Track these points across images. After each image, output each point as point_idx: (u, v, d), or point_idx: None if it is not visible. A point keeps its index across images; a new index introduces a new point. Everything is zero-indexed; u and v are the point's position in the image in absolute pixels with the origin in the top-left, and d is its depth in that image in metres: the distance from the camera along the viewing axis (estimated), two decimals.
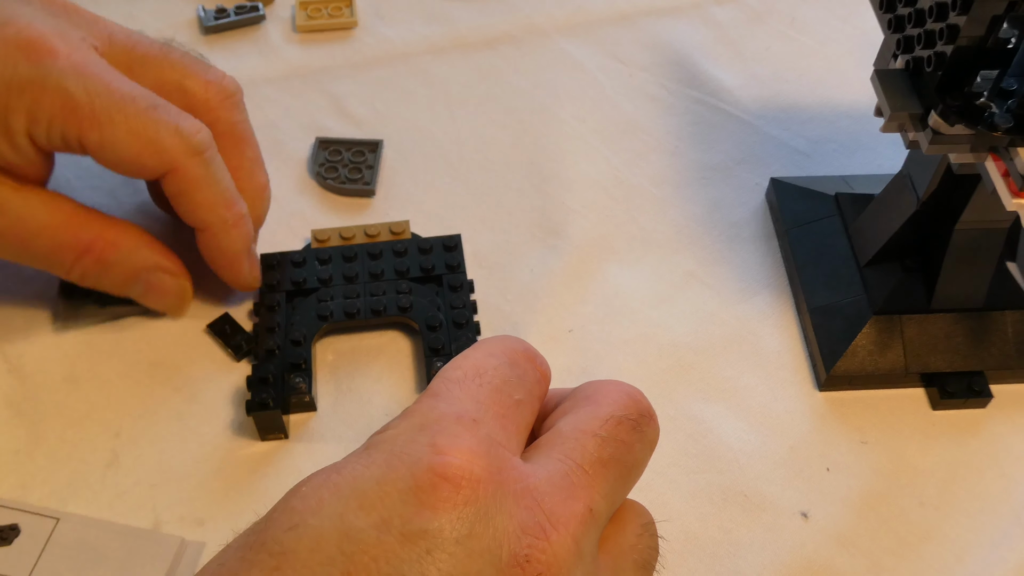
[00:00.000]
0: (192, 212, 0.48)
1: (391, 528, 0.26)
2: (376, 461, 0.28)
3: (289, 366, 0.49)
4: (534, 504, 0.28)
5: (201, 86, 0.48)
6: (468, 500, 0.27)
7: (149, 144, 0.44)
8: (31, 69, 0.41)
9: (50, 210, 0.46)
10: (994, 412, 0.51)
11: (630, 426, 0.32)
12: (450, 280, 0.52)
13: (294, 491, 0.28)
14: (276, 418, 0.47)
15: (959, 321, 0.51)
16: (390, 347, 0.53)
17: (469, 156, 0.63)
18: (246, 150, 0.51)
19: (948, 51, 0.40)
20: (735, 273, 0.57)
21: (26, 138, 0.43)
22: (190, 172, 0.45)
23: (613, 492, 0.31)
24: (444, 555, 0.26)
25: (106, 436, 0.49)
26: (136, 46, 0.48)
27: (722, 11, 0.73)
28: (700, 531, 0.46)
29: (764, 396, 0.51)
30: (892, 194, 0.52)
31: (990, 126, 0.39)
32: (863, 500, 0.47)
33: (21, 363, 0.51)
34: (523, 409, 0.32)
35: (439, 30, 0.70)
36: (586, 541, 0.29)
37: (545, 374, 0.35)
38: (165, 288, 0.50)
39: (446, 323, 0.51)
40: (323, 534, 0.26)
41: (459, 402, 0.30)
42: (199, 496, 0.47)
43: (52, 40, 0.42)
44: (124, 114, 0.43)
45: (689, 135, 0.64)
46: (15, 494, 0.46)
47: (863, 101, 0.67)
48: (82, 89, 0.42)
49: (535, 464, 0.30)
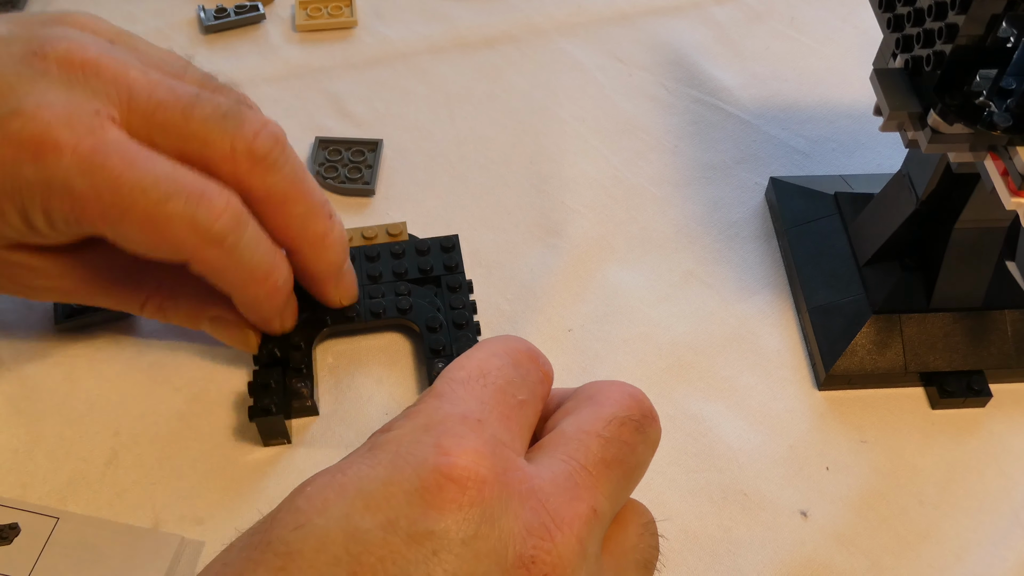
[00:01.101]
0: (220, 287, 0.44)
1: (397, 529, 0.26)
2: (381, 462, 0.28)
3: (291, 371, 0.49)
4: (539, 505, 0.28)
5: (227, 156, 0.42)
6: (474, 501, 0.27)
7: (162, 239, 0.41)
8: (36, 171, 0.38)
9: (104, 272, 0.46)
10: (993, 411, 0.51)
11: (633, 427, 0.32)
12: (449, 281, 0.52)
13: (299, 491, 0.28)
14: (279, 423, 0.47)
15: (958, 320, 0.51)
16: (390, 349, 0.53)
17: (469, 155, 0.63)
18: (292, 208, 0.44)
19: (947, 50, 0.40)
20: (735, 272, 0.57)
21: (50, 228, 0.41)
22: (210, 261, 0.42)
23: (616, 492, 0.31)
24: (450, 556, 0.26)
25: (106, 435, 0.49)
26: (156, 110, 0.42)
27: (722, 10, 0.73)
28: (699, 530, 0.46)
29: (763, 395, 0.51)
30: (891, 193, 0.52)
31: (989, 125, 0.39)
32: (862, 499, 0.47)
33: (20, 362, 0.51)
34: (527, 409, 0.32)
35: (439, 30, 0.71)
36: (590, 541, 0.29)
37: (548, 374, 0.35)
38: (228, 333, 0.48)
39: (446, 324, 0.51)
40: (329, 534, 0.26)
41: (463, 402, 0.30)
42: (199, 495, 0.47)
43: (58, 132, 0.38)
44: (134, 209, 0.39)
45: (689, 134, 0.64)
46: (15, 493, 0.46)
47: (863, 100, 0.67)
48: (89, 186, 0.39)
49: (539, 465, 0.30)
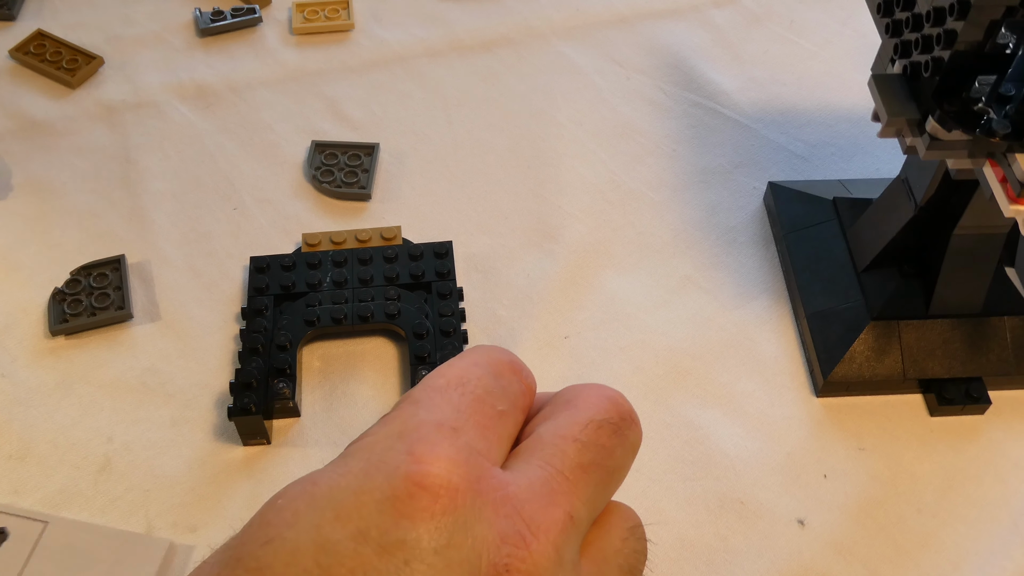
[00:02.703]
0: None
1: (368, 539, 0.25)
2: (352, 470, 0.27)
3: (274, 371, 0.49)
4: (513, 512, 0.27)
5: None
6: (446, 509, 0.26)
7: None
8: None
9: None
10: (992, 418, 0.51)
11: (611, 430, 0.31)
12: (439, 287, 0.52)
13: (270, 504, 0.27)
14: (258, 423, 0.47)
15: (957, 327, 0.50)
16: (377, 353, 0.52)
17: (465, 159, 0.62)
18: None
19: (946, 56, 0.39)
20: (732, 278, 0.56)
21: None
22: None
23: (594, 497, 0.30)
24: (423, 566, 0.25)
25: (98, 441, 0.48)
26: None
27: (720, 14, 0.73)
28: (696, 538, 0.46)
29: (761, 402, 0.51)
30: (890, 199, 0.51)
31: (988, 132, 0.39)
32: (860, 507, 0.47)
33: (14, 368, 0.51)
34: (506, 420, 0.31)
35: (436, 33, 0.70)
36: (567, 548, 0.28)
37: (530, 387, 0.34)
38: None
39: (433, 331, 0.50)
40: (299, 547, 0.25)
41: (439, 410, 0.29)
42: (193, 502, 0.46)
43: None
44: None
45: (687, 138, 0.64)
46: (7, 499, 0.46)
47: (862, 104, 0.66)
48: None
49: (515, 472, 0.29)
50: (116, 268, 0.55)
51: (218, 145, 0.62)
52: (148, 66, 0.67)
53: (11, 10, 0.70)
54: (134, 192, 0.59)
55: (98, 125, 0.63)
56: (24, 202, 0.59)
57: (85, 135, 0.63)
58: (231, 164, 0.61)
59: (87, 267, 0.54)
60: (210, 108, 0.65)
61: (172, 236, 0.57)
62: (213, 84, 0.66)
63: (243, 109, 0.65)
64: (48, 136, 0.62)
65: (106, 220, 0.58)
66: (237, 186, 0.60)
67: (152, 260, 0.56)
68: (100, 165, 0.61)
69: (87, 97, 0.65)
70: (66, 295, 0.53)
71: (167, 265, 0.56)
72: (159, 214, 0.58)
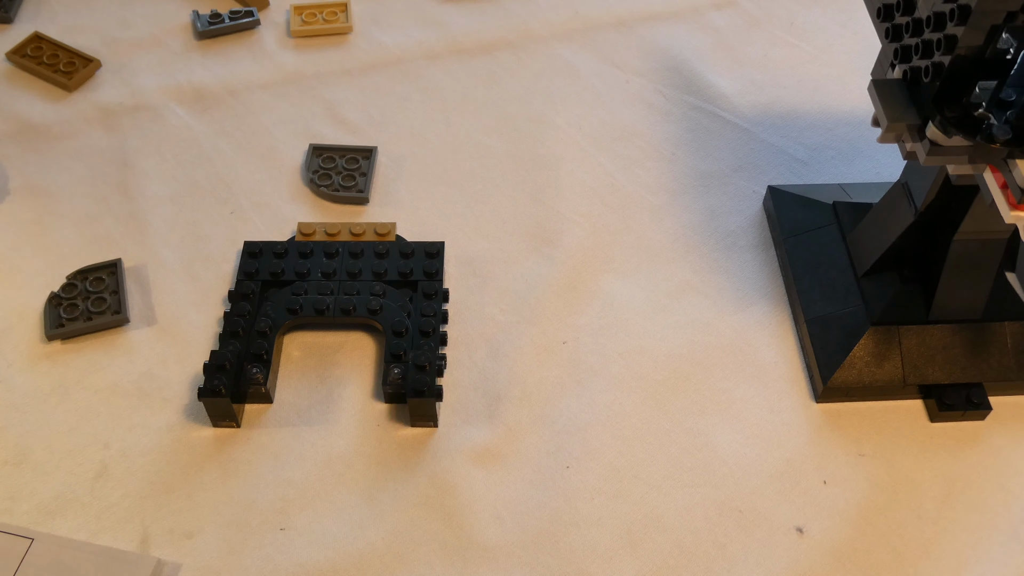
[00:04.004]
0: None
1: None
2: None
3: (250, 356, 0.49)
4: None
5: None
6: None
7: None
8: None
9: None
10: (993, 424, 0.50)
11: None
12: (425, 287, 0.52)
13: None
14: (226, 406, 0.47)
15: (958, 332, 0.50)
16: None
17: (464, 163, 0.62)
18: None
19: (946, 61, 0.39)
20: (732, 282, 0.56)
21: None
22: None
23: None
24: None
25: (95, 447, 0.48)
26: None
27: (720, 16, 0.72)
28: (694, 546, 0.46)
29: (760, 408, 0.51)
30: (890, 204, 0.51)
31: (988, 138, 0.39)
32: (860, 514, 0.47)
33: (10, 373, 0.51)
34: None
35: (435, 35, 0.70)
36: None
37: None
38: None
39: (412, 330, 0.50)
40: None
41: None
42: (189, 509, 0.46)
43: None
44: None
45: (686, 142, 0.64)
46: (3, 506, 0.46)
47: (862, 108, 0.66)
48: None
49: None
50: (112, 272, 0.54)
51: (215, 148, 0.62)
52: (145, 69, 0.67)
53: (8, 13, 0.69)
54: (131, 196, 0.59)
55: (95, 128, 0.63)
56: (20, 206, 0.58)
57: (82, 138, 0.62)
58: (228, 167, 0.61)
59: (83, 271, 0.54)
60: (207, 111, 0.64)
61: (169, 240, 0.57)
62: (211, 87, 0.66)
63: (241, 112, 0.64)
64: (45, 139, 0.62)
65: (102, 224, 0.58)
66: (234, 190, 0.60)
67: (149, 264, 0.56)
68: (97, 168, 0.61)
69: (84, 100, 0.65)
70: (62, 299, 0.53)
71: (164, 269, 0.56)
72: (156, 218, 0.58)
